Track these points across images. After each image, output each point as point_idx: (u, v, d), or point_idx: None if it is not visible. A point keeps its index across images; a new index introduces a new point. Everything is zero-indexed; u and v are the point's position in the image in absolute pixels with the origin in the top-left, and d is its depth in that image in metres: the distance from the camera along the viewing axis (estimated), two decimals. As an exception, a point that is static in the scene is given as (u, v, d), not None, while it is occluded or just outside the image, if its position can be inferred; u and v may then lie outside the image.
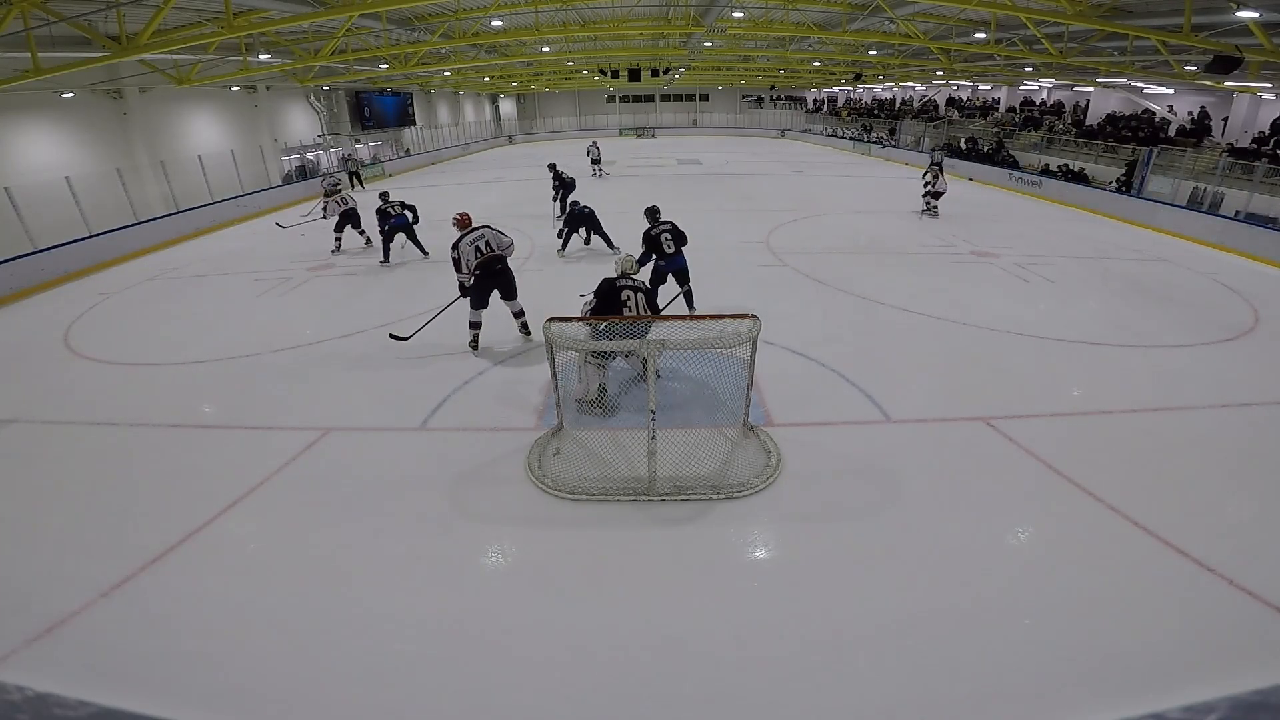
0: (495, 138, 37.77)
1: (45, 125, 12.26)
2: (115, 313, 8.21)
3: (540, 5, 13.72)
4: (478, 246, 5.88)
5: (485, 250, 5.90)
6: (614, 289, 5.06)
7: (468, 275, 5.91)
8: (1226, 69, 9.05)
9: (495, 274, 5.98)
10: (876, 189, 17.38)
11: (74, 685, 2.66)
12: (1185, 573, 3.24)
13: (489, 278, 5.97)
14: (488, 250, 5.91)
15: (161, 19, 9.00)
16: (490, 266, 5.93)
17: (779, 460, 4.23)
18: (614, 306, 5.02)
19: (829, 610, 3.06)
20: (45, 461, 4.64)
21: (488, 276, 5.96)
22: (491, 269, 5.94)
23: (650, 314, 5.13)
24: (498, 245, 5.96)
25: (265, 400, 5.44)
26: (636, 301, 5.05)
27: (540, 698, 2.62)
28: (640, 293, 5.09)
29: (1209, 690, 0.61)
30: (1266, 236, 9.98)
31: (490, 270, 5.94)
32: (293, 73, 17.49)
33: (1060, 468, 4.14)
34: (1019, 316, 7.04)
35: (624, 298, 5.03)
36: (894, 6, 13.18)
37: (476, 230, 5.96)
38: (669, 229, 6.82)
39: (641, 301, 5.08)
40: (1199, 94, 16.02)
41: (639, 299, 5.07)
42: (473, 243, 5.87)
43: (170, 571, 3.39)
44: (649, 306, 5.15)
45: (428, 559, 3.47)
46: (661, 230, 6.78)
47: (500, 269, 6.00)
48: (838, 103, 37.49)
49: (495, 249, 5.94)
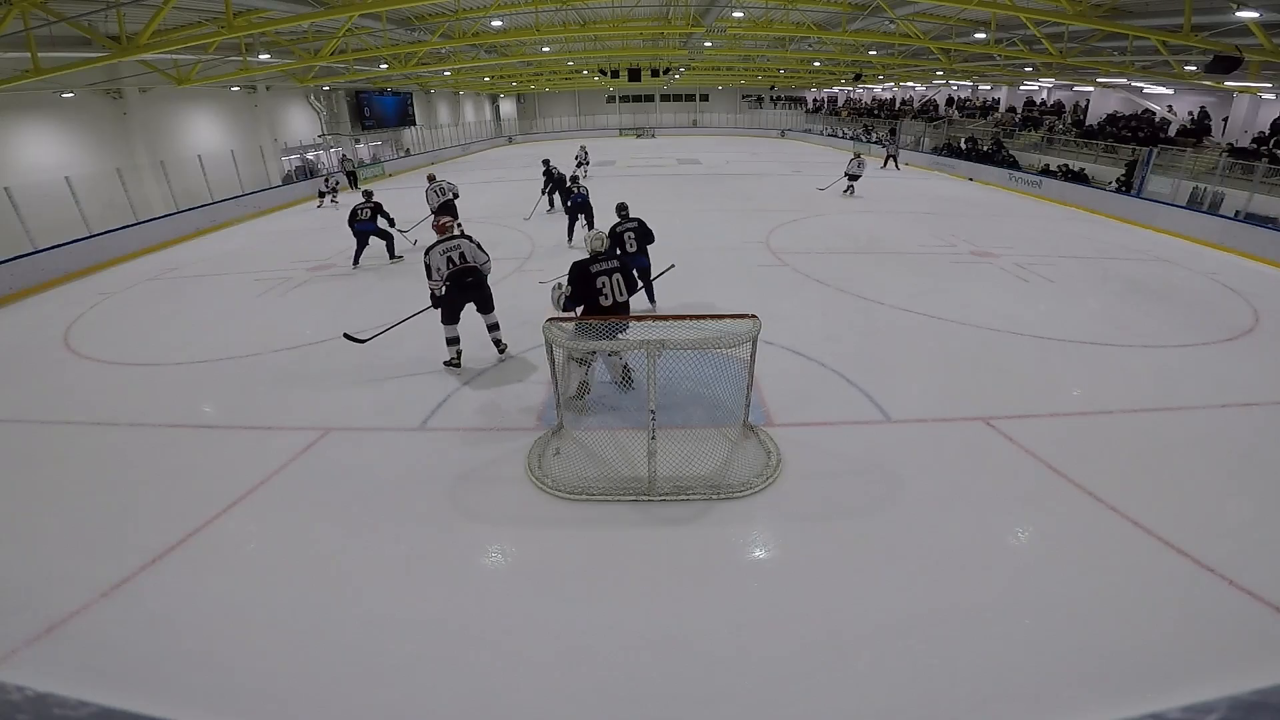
0: (495, 138, 37.79)
1: (45, 125, 12.27)
2: (115, 313, 8.21)
3: (540, 5, 13.72)
4: (450, 257, 5.48)
5: (458, 262, 5.50)
6: (587, 273, 4.85)
7: (438, 284, 5.52)
8: (1226, 69, 9.05)
9: (465, 287, 5.60)
10: (877, 189, 17.38)
11: (74, 685, 2.66)
12: (1185, 573, 3.24)
13: (459, 290, 5.60)
14: (460, 262, 5.51)
15: (161, 19, 9.00)
16: (460, 279, 5.55)
17: (779, 460, 4.23)
18: (589, 291, 4.83)
19: (829, 610, 3.06)
20: (45, 461, 4.64)
21: (458, 289, 5.59)
22: (461, 281, 5.57)
23: (627, 292, 4.97)
24: (473, 260, 5.55)
25: (265, 400, 5.44)
26: (612, 284, 4.88)
27: (540, 698, 2.62)
28: (616, 273, 4.92)
29: (1209, 690, 0.61)
30: (1266, 236, 9.98)
31: (460, 283, 5.57)
32: (293, 73, 17.50)
33: (1060, 468, 4.14)
34: (1019, 316, 7.04)
35: (599, 284, 4.85)
36: (894, 6, 13.19)
37: (454, 240, 5.55)
38: (634, 227, 6.75)
39: (617, 283, 4.91)
40: (1199, 94, 16.02)
41: (614, 281, 4.89)
42: (445, 252, 5.47)
43: (170, 571, 3.39)
44: (625, 285, 4.98)
45: (428, 559, 3.47)
46: (626, 228, 6.72)
47: (471, 281, 5.61)
48: (838, 103, 37.51)
49: (469, 262, 5.54)
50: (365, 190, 10.25)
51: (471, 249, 5.58)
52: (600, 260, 4.93)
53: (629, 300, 5.05)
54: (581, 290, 4.84)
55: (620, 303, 4.94)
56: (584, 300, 4.88)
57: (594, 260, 4.93)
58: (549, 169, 13.15)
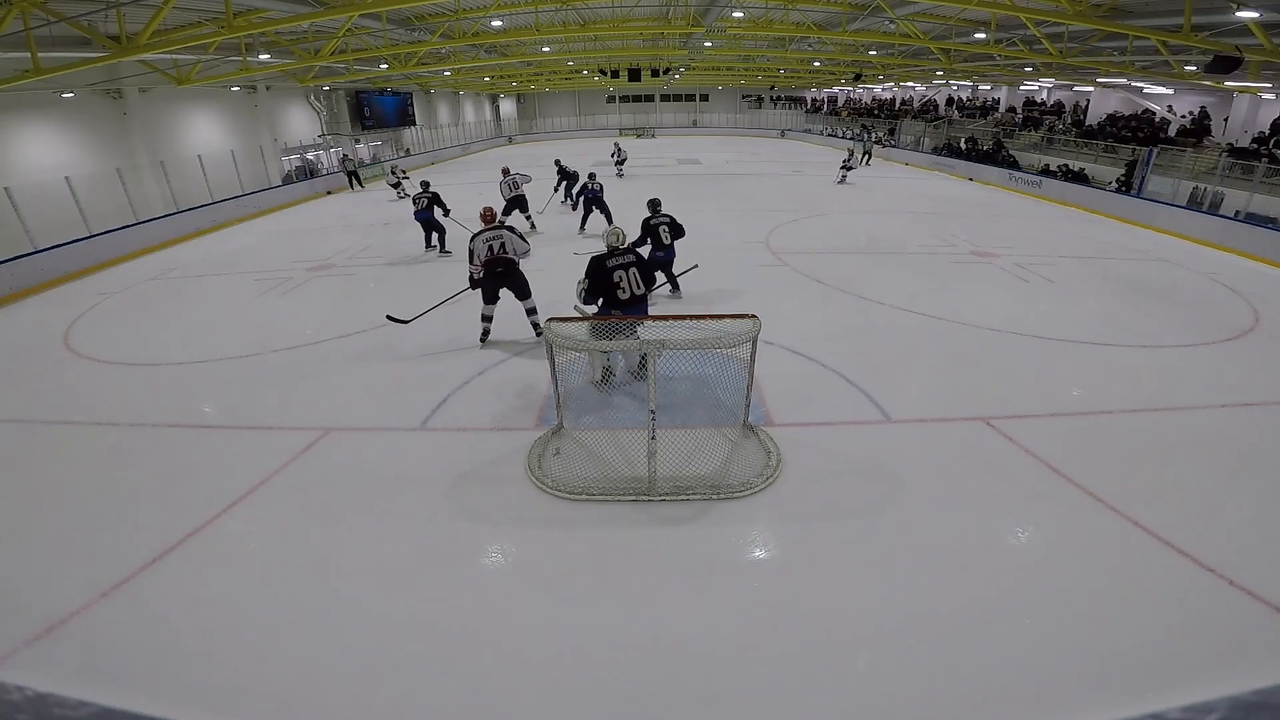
0: (495, 138, 37.78)
1: (45, 125, 12.26)
2: (115, 313, 8.21)
3: (540, 5, 13.73)
4: (490, 245, 5.95)
5: (496, 251, 5.95)
6: (604, 268, 4.98)
7: (476, 268, 6.00)
8: (1226, 69, 9.05)
9: (496, 275, 6.05)
10: (876, 189, 17.38)
11: (74, 685, 2.67)
12: (1185, 573, 3.24)
13: (490, 278, 6.05)
14: (499, 251, 5.95)
15: (161, 19, 9.00)
16: (492, 268, 5.99)
17: (779, 460, 4.23)
18: (607, 285, 4.96)
19: (829, 610, 3.06)
20: (45, 461, 4.64)
21: (489, 277, 6.04)
22: (492, 270, 6.01)
23: (645, 288, 5.06)
24: (512, 250, 6.00)
25: (265, 400, 5.44)
26: (629, 278, 4.99)
27: (540, 698, 2.62)
28: (632, 268, 5.02)
29: (1209, 690, 0.61)
30: (1266, 236, 9.98)
31: (491, 271, 6.01)
32: (293, 73, 17.50)
33: (1060, 468, 4.14)
34: (1019, 316, 7.04)
35: (616, 278, 4.96)
36: (894, 6, 13.18)
37: (495, 230, 6.01)
38: (667, 221, 6.96)
39: (634, 277, 5.01)
40: (1199, 94, 16.02)
41: (631, 275, 5.00)
42: (487, 240, 5.95)
43: (170, 571, 3.39)
44: (643, 280, 5.07)
45: (428, 559, 3.47)
46: (660, 221, 6.94)
47: (501, 272, 6.03)
48: (838, 103, 37.50)
49: (507, 253, 5.99)
50: (423, 181, 10.87)
51: (512, 240, 6.02)
52: (616, 255, 5.05)
53: (646, 294, 5.13)
54: (599, 285, 4.97)
55: (638, 296, 5.04)
56: (602, 294, 5.00)
57: (610, 255, 5.05)
58: (561, 167, 14.32)
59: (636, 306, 5.04)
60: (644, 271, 5.09)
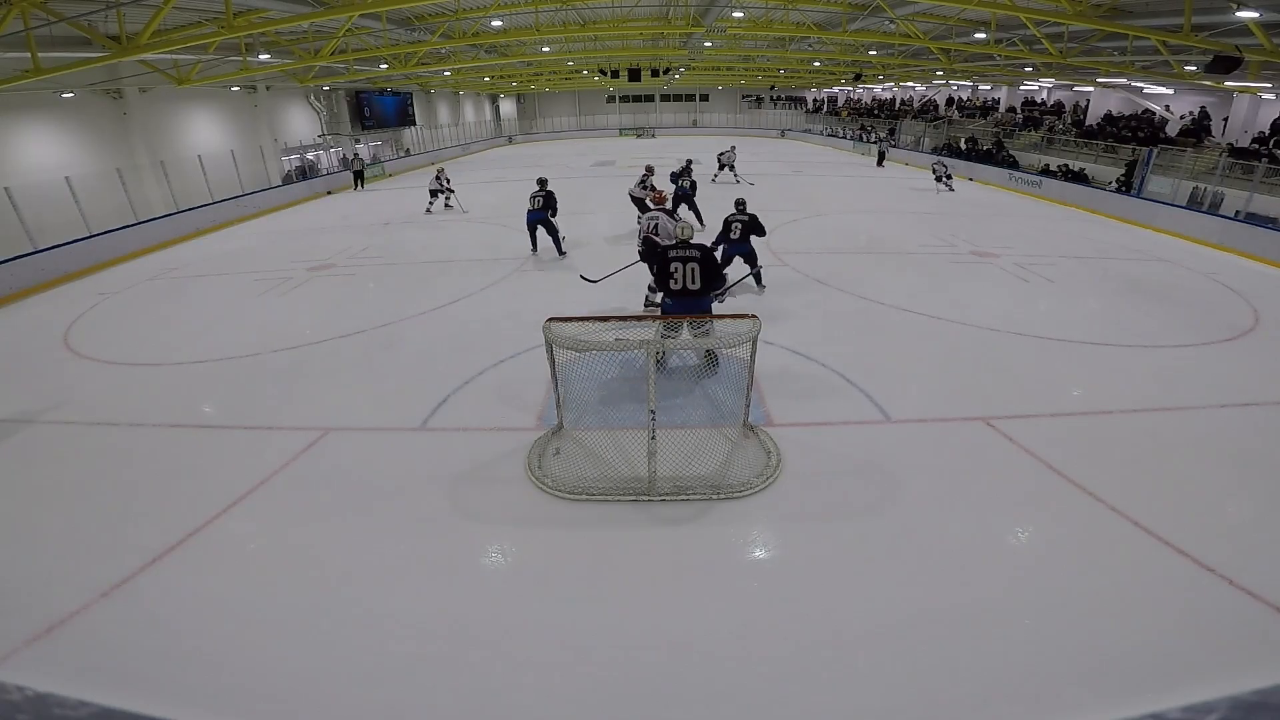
0: (495, 138, 37.78)
1: (45, 125, 12.26)
2: (115, 313, 8.21)
3: (540, 5, 13.74)
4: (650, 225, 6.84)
5: (649, 231, 6.79)
6: (665, 257, 5.17)
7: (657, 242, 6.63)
8: (1226, 69, 9.05)
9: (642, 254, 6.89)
10: (876, 189, 17.38)
11: (74, 685, 2.66)
12: (1185, 573, 3.24)
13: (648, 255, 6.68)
14: (650, 231, 6.80)
15: (161, 19, 9.00)
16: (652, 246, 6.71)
17: (779, 460, 4.23)
18: (664, 273, 5.16)
19: (829, 610, 3.06)
20: (45, 461, 4.64)
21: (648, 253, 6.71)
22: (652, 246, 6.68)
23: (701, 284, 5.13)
24: (660, 232, 6.75)
25: (265, 400, 5.44)
26: (685, 271, 5.08)
27: (540, 698, 2.62)
28: (692, 263, 5.09)
29: (1209, 690, 0.61)
30: (1266, 236, 9.98)
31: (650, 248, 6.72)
32: (293, 73, 17.50)
33: (1060, 468, 4.14)
34: (1019, 316, 7.04)
35: (673, 269, 5.09)
36: (894, 6, 13.19)
37: (653, 212, 6.99)
38: (743, 220, 7.57)
39: (692, 271, 5.08)
40: (1199, 94, 16.03)
41: (688, 269, 5.08)
42: (649, 220, 6.89)
43: (170, 571, 3.39)
44: (704, 276, 5.11)
45: (428, 559, 3.47)
46: (736, 219, 7.59)
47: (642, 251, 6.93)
48: (838, 103, 37.50)
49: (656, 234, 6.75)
50: (540, 179, 9.97)
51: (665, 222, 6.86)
52: (680, 248, 5.20)
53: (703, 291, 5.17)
54: (660, 272, 5.24)
55: (691, 290, 5.12)
56: (660, 280, 5.25)
57: (675, 247, 5.24)
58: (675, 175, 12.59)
59: (687, 300, 5.12)
60: (706, 269, 5.14)
